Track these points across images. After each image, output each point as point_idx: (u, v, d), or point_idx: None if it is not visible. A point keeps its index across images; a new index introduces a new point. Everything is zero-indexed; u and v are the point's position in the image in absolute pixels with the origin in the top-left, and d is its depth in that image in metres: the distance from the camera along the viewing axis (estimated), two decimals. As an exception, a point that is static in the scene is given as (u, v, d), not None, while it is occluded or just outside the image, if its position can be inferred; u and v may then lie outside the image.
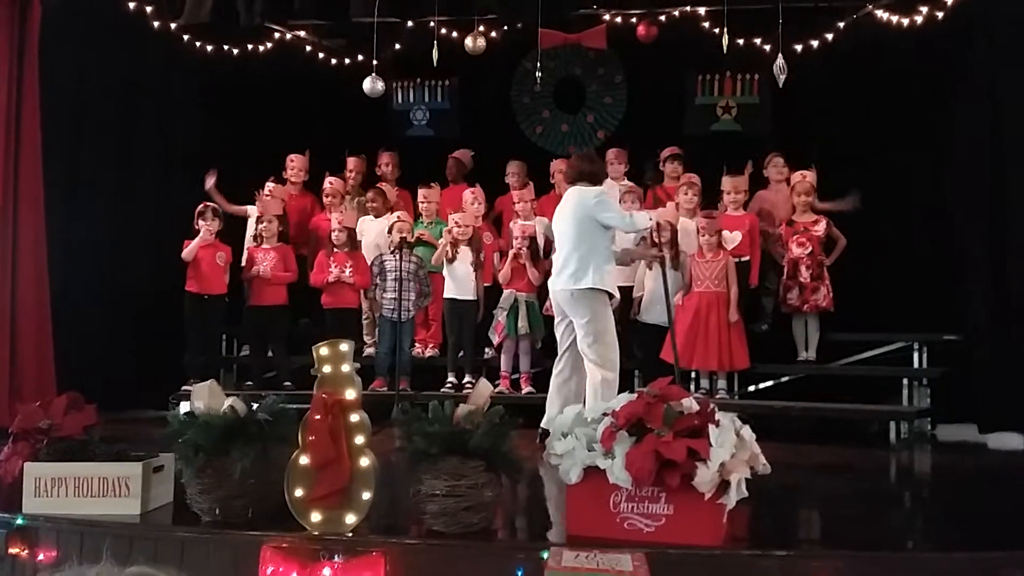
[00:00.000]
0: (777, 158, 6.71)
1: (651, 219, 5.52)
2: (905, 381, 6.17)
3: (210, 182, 6.88)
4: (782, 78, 5.85)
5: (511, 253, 6.34)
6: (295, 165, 7.30)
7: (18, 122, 5.90)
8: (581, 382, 4.98)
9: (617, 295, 5.15)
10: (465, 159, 7.34)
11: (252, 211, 6.97)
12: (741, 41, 6.17)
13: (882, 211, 6.44)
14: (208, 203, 6.66)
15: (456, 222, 6.51)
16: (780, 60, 5.83)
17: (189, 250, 6.47)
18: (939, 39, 6.22)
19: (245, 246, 6.89)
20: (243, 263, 6.76)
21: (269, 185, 6.98)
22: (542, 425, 4.93)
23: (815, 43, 6.37)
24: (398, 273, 6.24)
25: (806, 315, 6.32)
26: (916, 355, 6.26)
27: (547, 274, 5.52)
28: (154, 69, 7.00)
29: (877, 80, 6.72)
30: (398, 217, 6.60)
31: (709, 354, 6.08)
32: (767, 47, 6.22)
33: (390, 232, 6.54)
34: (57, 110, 6.18)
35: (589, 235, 4.92)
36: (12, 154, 5.87)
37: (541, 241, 6.37)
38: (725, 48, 5.85)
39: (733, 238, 6.32)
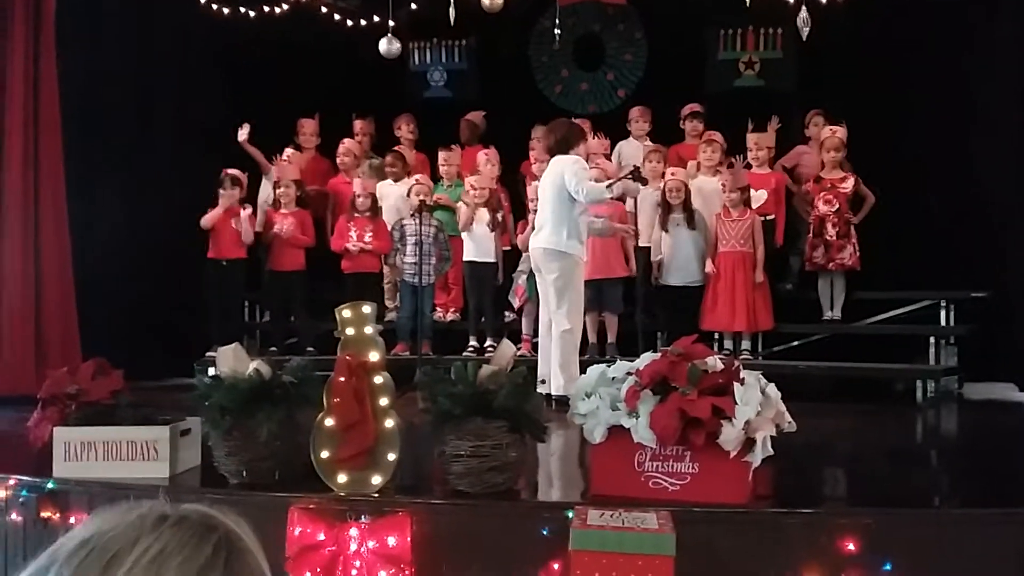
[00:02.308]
0: (818, 116, 6.58)
1: (611, 195, 5.43)
2: (932, 339, 6.09)
3: (243, 134, 6.80)
4: (806, 31, 5.71)
5: (530, 218, 6.29)
6: (307, 130, 7.28)
7: (36, 94, 5.89)
8: None
9: (586, 258, 5.33)
10: (477, 120, 7.26)
11: (269, 176, 6.96)
12: (764, -6, 6.02)
13: (909, 167, 6.31)
14: (228, 170, 6.64)
15: (472, 184, 6.47)
16: (804, 13, 5.68)
17: (208, 218, 6.47)
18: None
19: (260, 211, 6.91)
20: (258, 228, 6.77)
21: (288, 151, 6.96)
22: (540, 388, 4.95)
23: (840, -6, 6.20)
24: (418, 237, 6.22)
25: (832, 274, 6.24)
26: (943, 313, 6.17)
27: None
28: (171, 34, 6.96)
29: (904, 32, 6.54)
30: (416, 180, 6.56)
31: (735, 314, 6.04)
32: (790, 0, 6.06)
33: (409, 195, 6.51)
34: (75, 80, 6.17)
35: (562, 200, 5.13)
36: (32, 126, 5.87)
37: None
38: (748, 1, 5.71)
39: (759, 196, 6.23)
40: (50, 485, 3.10)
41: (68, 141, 6.06)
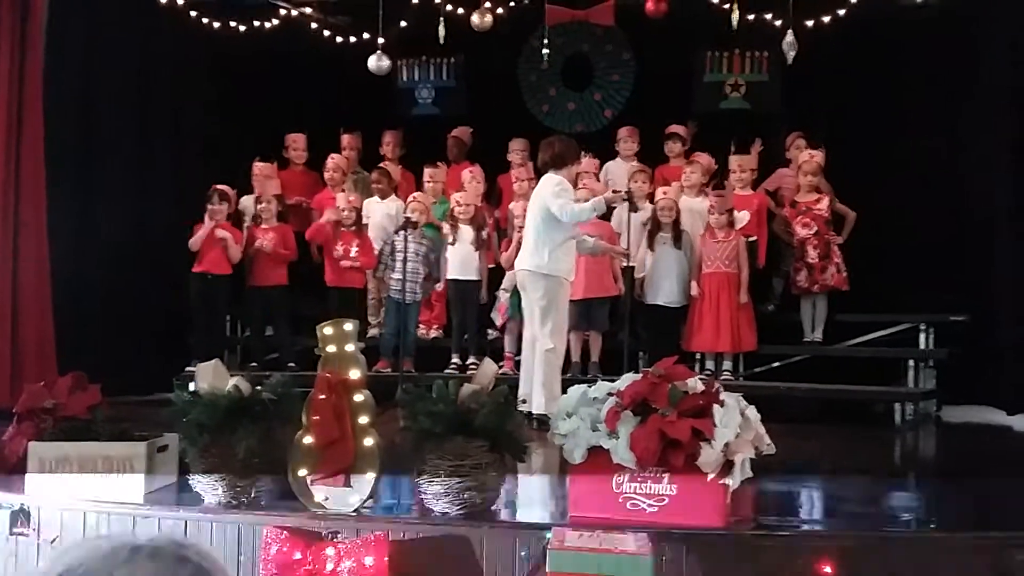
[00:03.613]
0: (800, 139, 6.64)
1: (594, 211, 5.29)
2: (911, 362, 6.13)
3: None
4: (791, 55, 5.78)
5: (514, 236, 6.29)
6: (294, 144, 7.28)
7: (20, 103, 5.84)
8: None
9: (571, 278, 5.30)
10: (465, 137, 7.27)
11: (245, 202, 6.93)
12: (751, 16, 6.09)
13: (893, 190, 6.37)
14: (217, 186, 6.61)
15: (457, 201, 6.47)
16: (790, 37, 5.76)
17: (196, 239, 6.43)
18: (956, 10, 6.10)
19: (244, 228, 6.89)
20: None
21: (258, 165, 6.94)
22: (521, 407, 4.92)
23: (827, 18, 6.26)
24: (406, 255, 6.18)
25: (815, 295, 6.28)
26: (922, 336, 6.21)
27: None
28: (163, 47, 6.93)
29: (890, 56, 6.62)
30: (414, 197, 6.54)
31: (720, 335, 6.06)
32: (778, 23, 6.13)
33: (406, 211, 6.47)
34: (63, 90, 6.14)
35: (545, 220, 5.11)
36: (15, 135, 5.81)
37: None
38: (735, 24, 5.77)
39: (741, 218, 6.27)
40: (23, 501, 3.06)
41: (50, 150, 6.00)
